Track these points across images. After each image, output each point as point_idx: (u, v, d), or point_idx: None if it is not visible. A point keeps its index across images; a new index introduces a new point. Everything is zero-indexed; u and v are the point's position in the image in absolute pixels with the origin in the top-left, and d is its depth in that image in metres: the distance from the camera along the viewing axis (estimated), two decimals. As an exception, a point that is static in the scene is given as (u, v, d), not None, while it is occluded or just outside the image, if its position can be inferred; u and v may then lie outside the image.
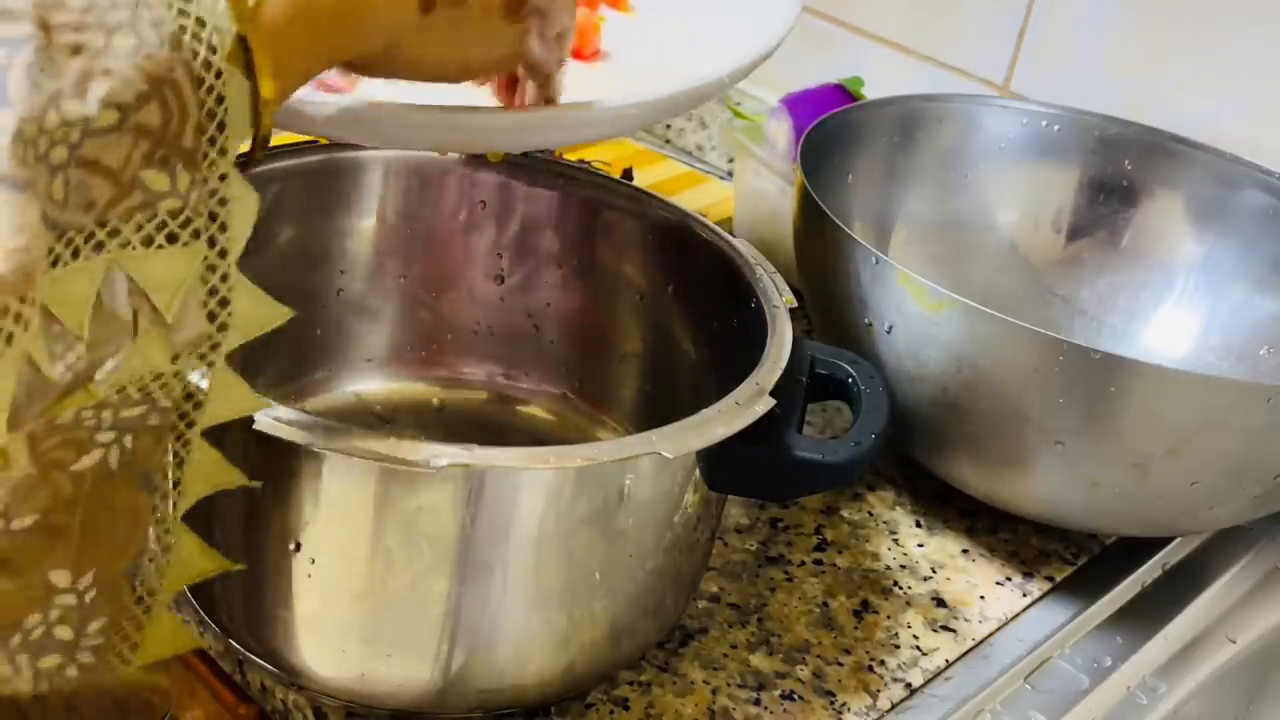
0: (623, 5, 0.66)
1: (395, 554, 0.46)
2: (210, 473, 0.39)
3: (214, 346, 0.36)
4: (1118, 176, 0.80)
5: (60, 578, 0.36)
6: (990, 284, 0.80)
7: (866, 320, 0.62)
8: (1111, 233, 0.80)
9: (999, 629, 0.62)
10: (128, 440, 0.35)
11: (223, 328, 0.36)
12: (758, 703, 0.55)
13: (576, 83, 0.56)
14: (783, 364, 0.52)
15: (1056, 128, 0.80)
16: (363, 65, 0.42)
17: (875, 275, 0.61)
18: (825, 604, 0.62)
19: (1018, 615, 0.63)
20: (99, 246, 0.32)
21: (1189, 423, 0.56)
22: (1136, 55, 0.82)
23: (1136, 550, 0.68)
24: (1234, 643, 0.65)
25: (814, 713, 0.56)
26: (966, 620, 0.62)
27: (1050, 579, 0.66)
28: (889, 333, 0.61)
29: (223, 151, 0.34)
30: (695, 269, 0.62)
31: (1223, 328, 0.75)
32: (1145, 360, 0.56)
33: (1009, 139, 0.81)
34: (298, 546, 0.47)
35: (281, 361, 0.66)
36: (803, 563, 0.64)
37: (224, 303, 0.35)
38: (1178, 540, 0.70)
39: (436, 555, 0.46)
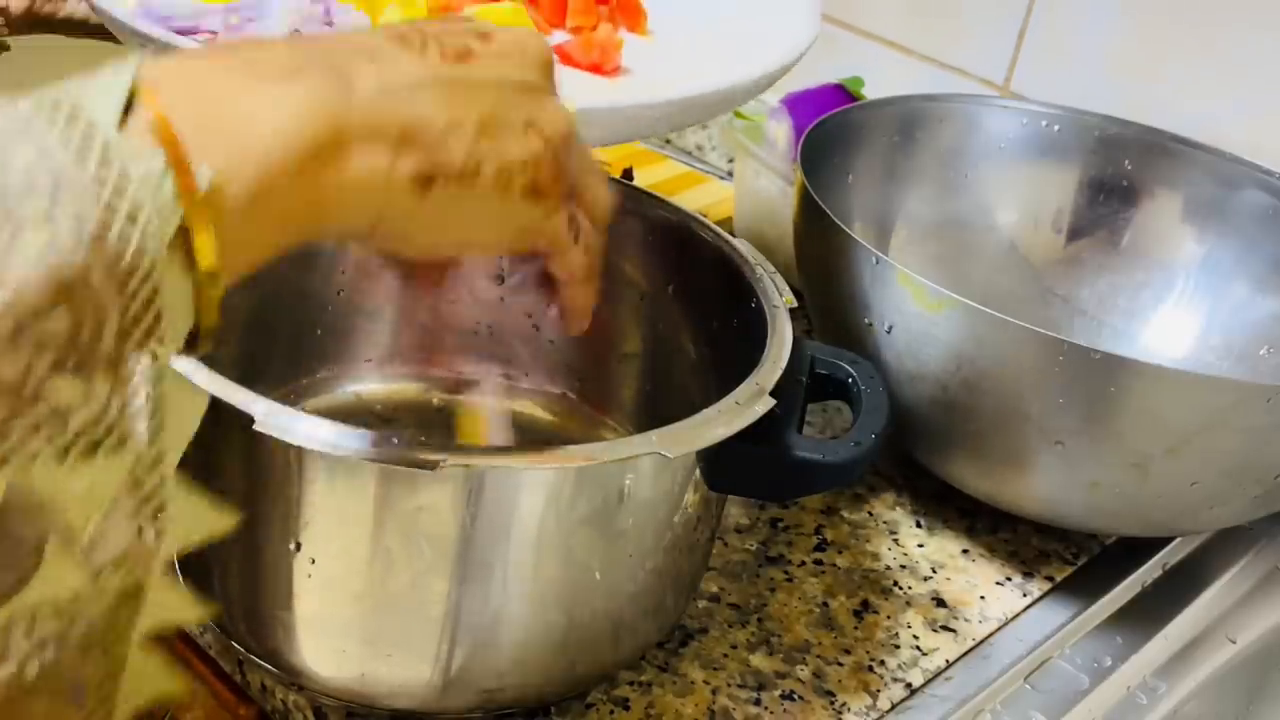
0: (640, 29, 0.66)
1: (395, 554, 0.46)
2: (153, 681, 0.34)
3: (148, 558, 0.31)
4: (1118, 176, 0.79)
5: None
6: (990, 284, 0.80)
7: (866, 320, 0.62)
8: (1111, 233, 0.80)
9: (999, 629, 0.62)
10: (48, 652, 0.31)
11: (157, 537, 0.32)
12: (758, 703, 0.55)
13: (599, 93, 0.56)
14: (783, 364, 0.52)
15: (1056, 128, 0.80)
16: (344, 240, 0.38)
17: (875, 275, 0.61)
18: (825, 604, 0.62)
19: (1018, 615, 0.63)
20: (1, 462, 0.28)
21: (1189, 423, 0.56)
22: (1136, 55, 0.82)
23: (1136, 550, 0.68)
24: (1234, 643, 0.65)
25: (814, 713, 0.55)
26: (966, 620, 0.62)
27: (1050, 579, 0.66)
28: (889, 333, 0.61)
29: (154, 353, 0.30)
30: (695, 269, 0.62)
31: (1223, 328, 0.75)
32: (1145, 360, 0.56)
33: (1009, 139, 0.80)
34: (298, 546, 0.46)
35: (281, 362, 0.66)
36: (803, 563, 0.64)
37: (159, 511, 0.31)
38: (1178, 540, 0.70)
39: (436, 555, 0.46)
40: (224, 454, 0.47)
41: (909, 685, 0.58)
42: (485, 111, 0.36)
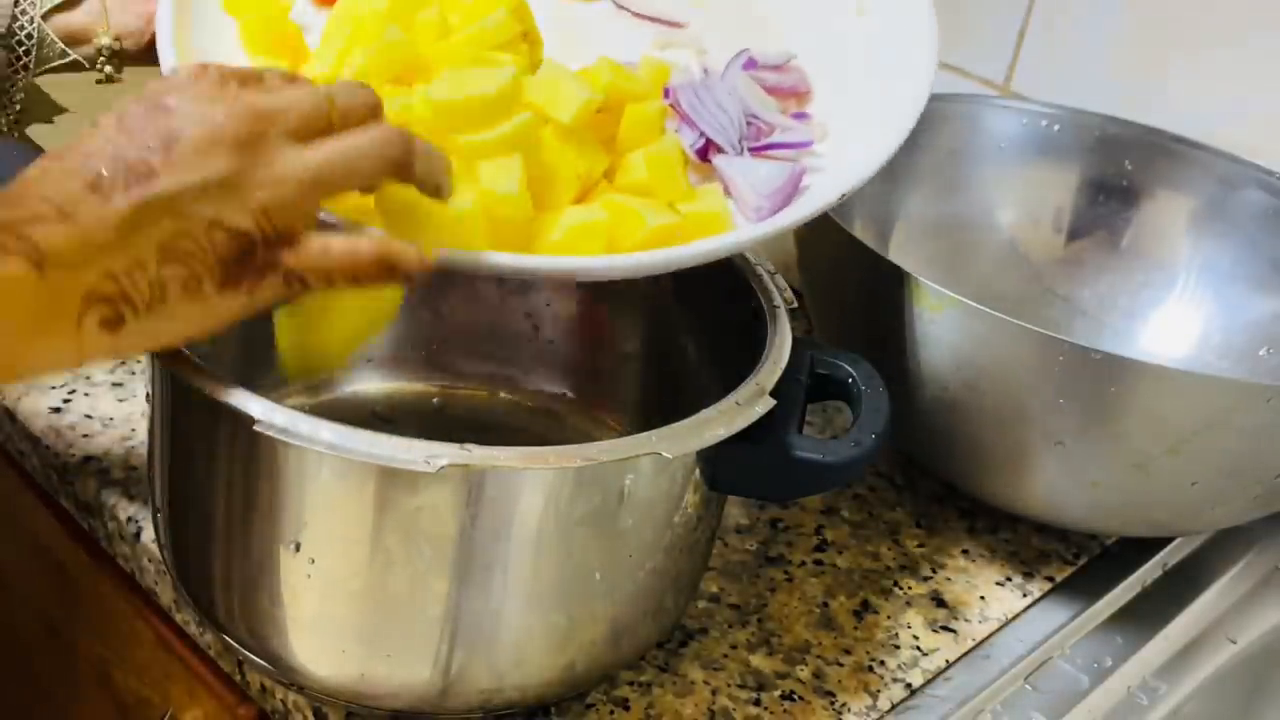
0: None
1: (395, 554, 0.46)
2: None
3: None
4: (1118, 176, 0.79)
5: None
6: (990, 284, 0.80)
7: (866, 319, 0.62)
8: (1111, 233, 0.80)
9: (999, 629, 0.62)
10: None
11: None
12: (758, 703, 0.55)
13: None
14: (783, 364, 0.52)
15: (1056, 128, 0.80)
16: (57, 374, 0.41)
17: (875, 275, 0.61)
18: (825, 604, 0.62)
19: (1018, 615, 0.63)
20: None
21: (1189, 423, 0.56)
22: (1136, 55, 0.82)
23: (1136, 550, 0.68)
24: (1234, 643, 0.65)
25: (814, 713, 0.55)
26: (966, 620, 0.62)
27: (1050, 579, 0.66)
28: (889, 332, 0.61)
29: None
30: (695, 269, 0.62)
31: (1223, 328, 0.75)
32: (1145, 360, 0.56)
33: (1009, 139, 0.80)
34: (298, 546, 0.46)
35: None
36: (803, 563, 0.64)
37: None
38: (1178, 540, 0.70)
39: (436, 555, 0.46)
40: (224, 454, 0.47)
41: (909, 685, 0.58)
42: (165, 236, 0.38)
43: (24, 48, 0.61)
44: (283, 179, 0.40)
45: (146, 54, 0.64)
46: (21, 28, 0.61)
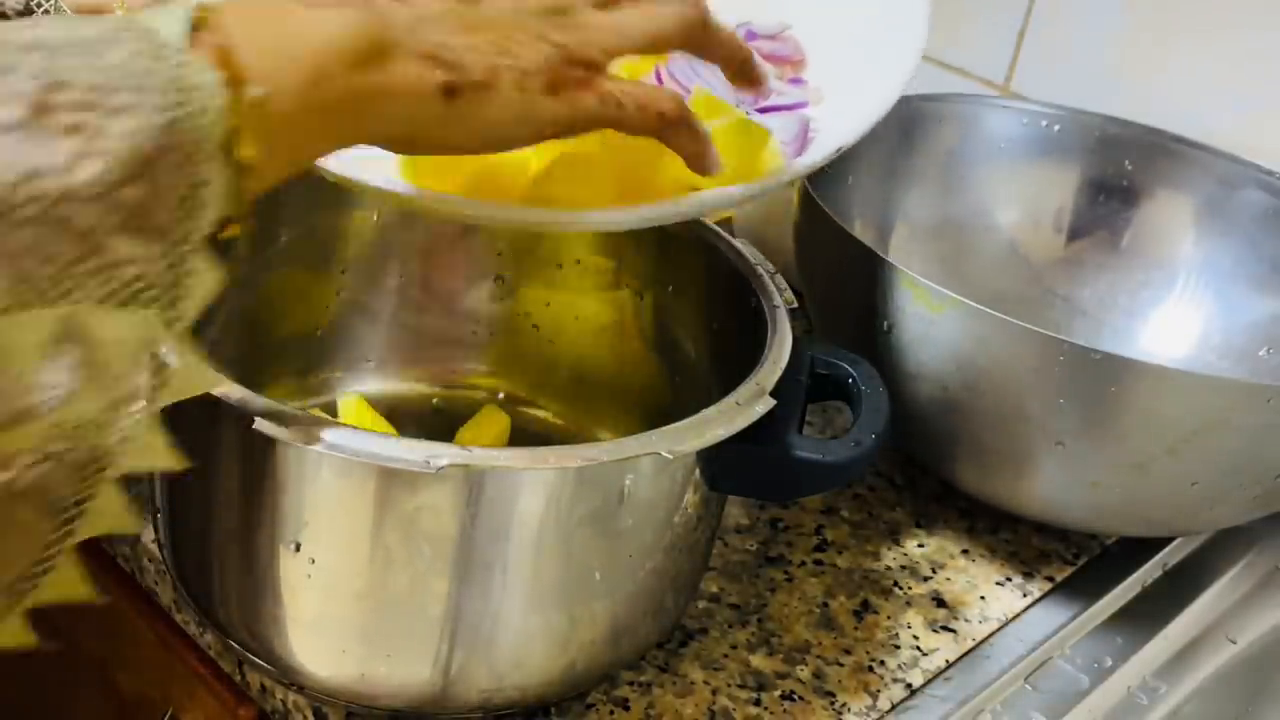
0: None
1: (395, 554, 0.46)
2: (111, 516, 0.39)
3: (148, 401, 0.37)
4: (1118, 176, 0.79)
5: None
6: (990, 284, 0.80)
7: (866, 320, 0.62)
8: (1111, 233, 0.80)
9: (999, 629, 0.62)
10: (45, 466, 0.36)
11: (157, 389, 0.37)
12: (758, 703, 0.55)
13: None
14: (783, 364, 0.52)
15: (1056, 128, 0.80)
16: (384, 146, 0.42)
17: (875, 275, 0.61)
18: (825, 604, 0.62)
19: (1018, 615, 0.63)
20: (53, 300, 0.33)
21: (1189, 423, 0.56)
22: (1136, 55, 0.82)
23: (1136, 550, 0.68)
24: (1234, 643, 0.65)
25: (814, 713, 0.55)
26: (966, 620, 0.62)
27: (1050, 579, 0.66)
28: (889, 332, 0.61)
29: (195, 228, 0.35)
30: (695, 269, 0.62)
31: (1223, 328, 0.75)
32: (1146, 360, 0.56)
33: (1009, 139, 0.80)
34: (298, 546, 0.46)
35: (282, 362, 0.66)
36: (803, 563, 0.64)
37: (163, 367, 0.36)
38: (1178, 540, 0.70)
39: (436, 555, 0.46)
40: (224, 454, 0.47)
41: (909, 685, 0.58)
42: (499, 33, 0.42)
43: None
44: (590, 22, 0.44)
45: None
46: (40, 5, 0.61)
